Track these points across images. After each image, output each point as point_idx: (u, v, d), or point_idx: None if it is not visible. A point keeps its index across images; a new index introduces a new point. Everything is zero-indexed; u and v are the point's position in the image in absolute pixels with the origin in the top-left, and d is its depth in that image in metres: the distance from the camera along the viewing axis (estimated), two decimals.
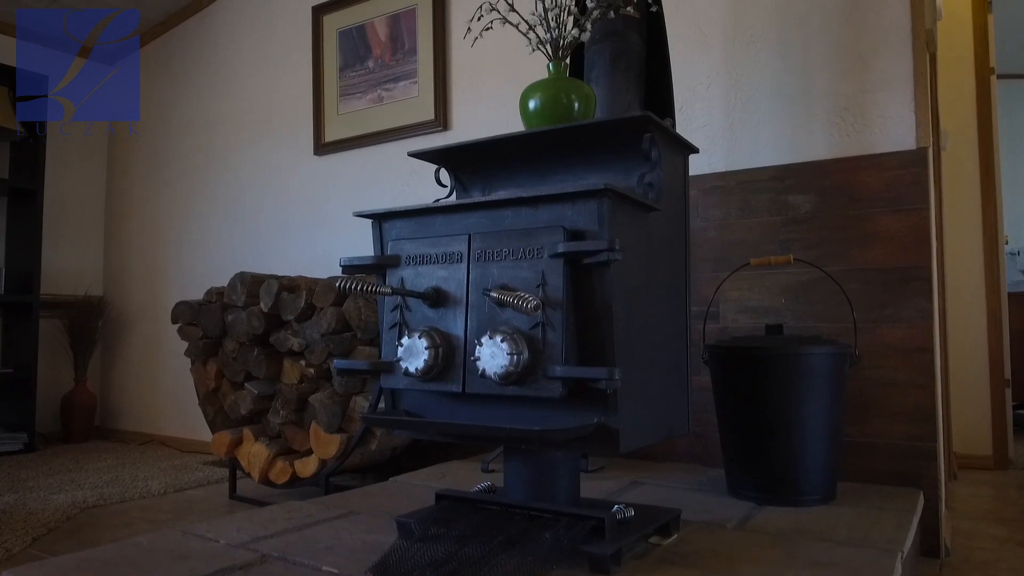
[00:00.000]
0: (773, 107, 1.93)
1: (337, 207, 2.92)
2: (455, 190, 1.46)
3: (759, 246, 1.91)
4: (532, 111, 1.36)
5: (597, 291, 1.03)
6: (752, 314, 1.92)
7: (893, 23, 1.76)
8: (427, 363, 1.09)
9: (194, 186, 3.47)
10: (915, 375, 1.72)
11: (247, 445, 2.27)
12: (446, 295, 1.13)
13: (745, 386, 1.58)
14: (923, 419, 1.71)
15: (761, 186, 1.91)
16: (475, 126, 2.53)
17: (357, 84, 2.87)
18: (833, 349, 1.54)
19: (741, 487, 1.62)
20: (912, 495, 1.64)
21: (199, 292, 3.34)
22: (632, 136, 1.21)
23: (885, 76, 1.77)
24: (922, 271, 1.71)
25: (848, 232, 1.80)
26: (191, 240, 3.46)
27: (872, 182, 1.77)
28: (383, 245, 1.24)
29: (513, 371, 1.01)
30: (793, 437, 1.54)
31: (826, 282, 1.77)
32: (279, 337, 2.18)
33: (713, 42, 2.02)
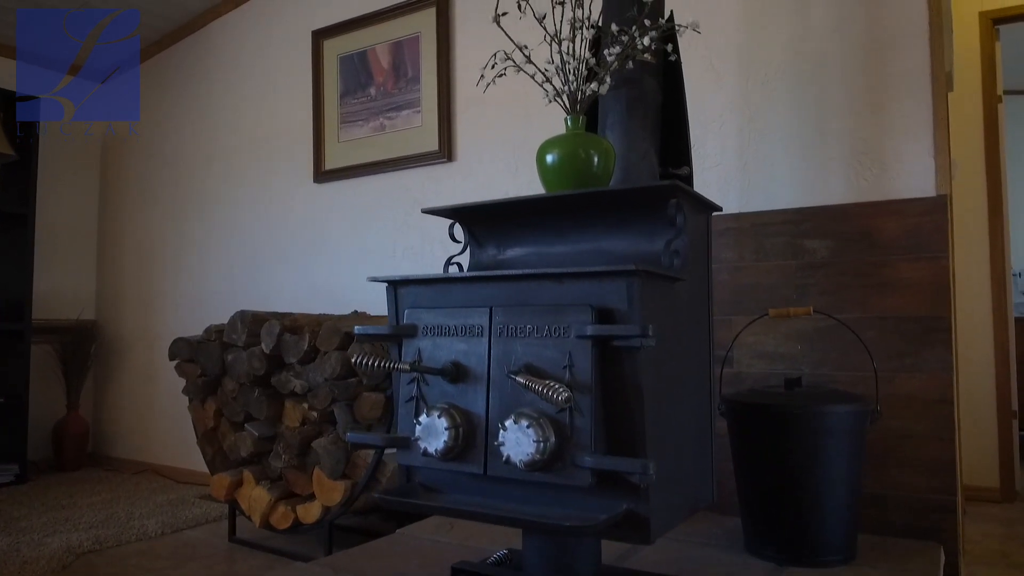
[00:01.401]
0: (788, 148, 1.90)
1: (337, 236, 2.86)
2: (468, 245, 1.41)
3: (774, 290, 1.87)
4: (550, 166, 1.32)
5: (627, 374, 0.98)
6: (767, 360, 1.88)
7: (912, 66, 1.73)
8: (447, 444, 1.04)
9: (190, 211, 3.41)
10: (935, 427, 1.68)
11: (247, 488, 2.21)
12: (466, 370, 1.08)
13: (765, 443, 1.54)
14: (942, 472, 1.67)
15: (776, 229, 1.88)
16: (480, 159, 2.49)
17: (358, 111, 2.83)
18: (855, 407, 1.50)
19: (760, 545, 1.57)
20: (933, 551, 1.60)
21: (195, 319, 3.29)
22: (656, 199, 1.17)
23: (904, 120, 1.74)
24: (942, 321, 1.68)
25: (866, 279, 1.76)
26: (187, 265, 3.40)
27: (891, 228, 1.74)
28: (398, 312, 1.19)
29: (539, 459, 0.96)
30: (814, 496, 1.50)
31: (843, 328, 1.74)
32: (281, 379, 2.12)
33: (727, 80, 1.98)
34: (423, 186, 2.62)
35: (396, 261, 2.68)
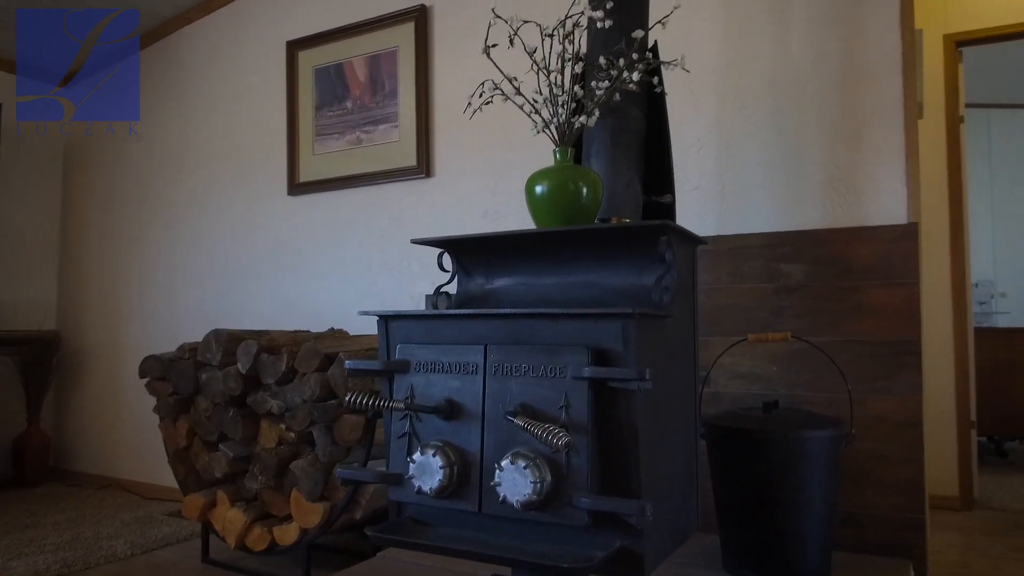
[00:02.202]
0: (765, 173, 1.94)
1: (312, 250, 2.84)
2: (457, 274, 1.42)
3: (750, 312, 1.91)
4: (539, 197, 1.33)
5: (622, 414, 1.00)
6: (744, 380, 1.92)
7: (886, 97, 1.78)
8: (441, 483, 1.05)
9: (158, 220, 3.34)
10: (904, 449, 1.74)
11: (222, 509, 2.18)
12: (460, 408, 1.09)
13: (744, 465, 1.57)
14: (912, 491, 1.73)
15: (752, 252, 1.91)
16: (459, 175, 2.49)
17: (334, 124, 2.80)
18: (831, 432, 1.54)
19: (738, 564, 1.60)
20: (903, 568, 1.65)
21: (163, 332, 3.23)
22: (646, 235, 1.18)
23: (878, 149, 1.79)
24: (912, 345, 1.73)
25: (840, 303, 1.81)
26: (154, 277, 3.33)
27: (864, 254, 1.79)
28: (389, 347, 1.19)
29: (536, 499, 0.97)
30: (791, 517, 1.54)
31: (818, 351, 1.78)
32: (257, 399, 2.10)
33: (705, 105, 2.01)
34: (401, 201, 2.61)
35: (373, 276, 2.67)
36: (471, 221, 2.44)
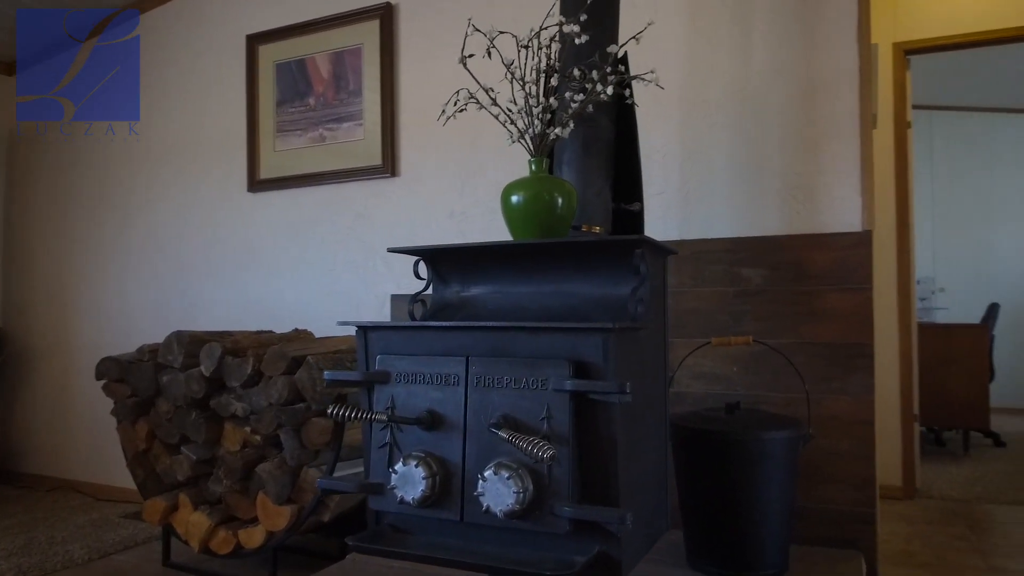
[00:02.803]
0: (727, 181, 1.99)
1: (273, 249, 2.80)
2: (432, 281, 1.43)
3: (711, 315, 1.97)
4: (515, 206, 1.35)
5: (601, 425, 1.03)
6: (705, 380, 1.98)
7: (844, 109, 1.85)
8: (424, 493, 1.07)
9: (109, 217, 3.25)
10: (857, 446, 1.82)
11: (184, 513, 2.16)
12: (441, 419, 1.11)
13: (708, 465, 1.62)
14: (864, 487, 1.81)
15: (714, 257, 1.97)
16: (425, 176, 2.49)
17: (296, 121, 2.77)
18: (791, 433, 1.60)
19: (702, 560, 1.66)
20: (855, 559, 1.73)
21: (116, 331, 3.15)
22: (621, 248, 1.22)
23: (835, 159, 1.86)
24: (866, 348, 1.81)
25: (797, 307, 1.88)
26: (106, 274, 3.24)
27: (821, 260, 1.86)
28: (368, 357, 1.20)
29: (519, 508, 1.00)
30: (753, 514, 1.60)
31: (774, 353, 1.85)
32: (221, 402, 2.07)
33: (670, 112, 2.06)
34: (366, 200, 2.60)
35: (337, 275, 2.65)
36: (437, 222, 2.45)
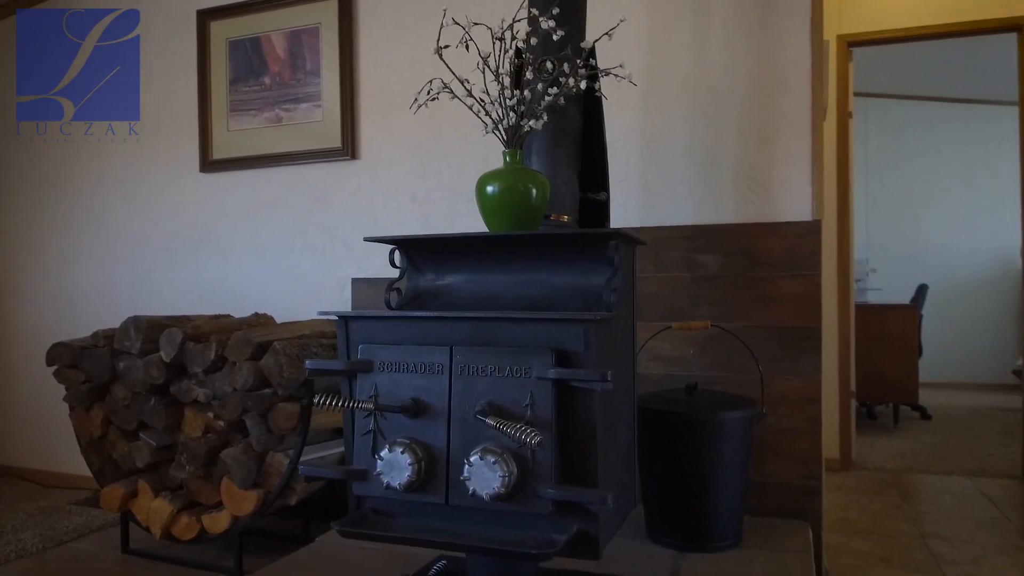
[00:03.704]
0: (685, 170, 2.06)
1: (227, 231, 2.76)
2: (407, 270, 1.45)
3: (670, 300, 2.04)
4: (490, 196, 1.38)
5: (581, 410, 1.08)
6: (663, 362, 2.05)
7: (796, 104, 1.93)
8: (410, 478, 1.10)
9: (48, 195, 3.12)
10: (805, 423, 1.93)
11: (144, 499, 2.14)
12: (426, 406, 1.14)
13: (668, 444, 1.70)
14: (810, 461, 1.93)
15: (673, 243, 2.04)
16: (386, 159, 2.49)
17: (251, 100, 2.72)
18: (746, 413, 1.70)
19: (662, 534, 1.75)
20: (803, 529, 1.85)
21: (59, 315, 3.05)
22: (594, 239, 1.26)
23: (787, 151, 1.95)
24: (814, 331, 1.92)
25: (750, 292, 1.97)
26: (45, 255, 3.13)
27: (773, 248, 1.95)
28: (350, 347, 1.22)
29: (504, 492, 1.05)
30: (710, 491, 1.69)
31: (730, 336, 1.93)
32: (181, 387, 2.05)
33: (630, 101, 2.11)
34: (325, 182, 2.58)
35: (295, 258, 2.63)
36: (399, 206, 2.45)
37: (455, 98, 1.48)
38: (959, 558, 2.20)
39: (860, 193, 6.47)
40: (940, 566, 2.13)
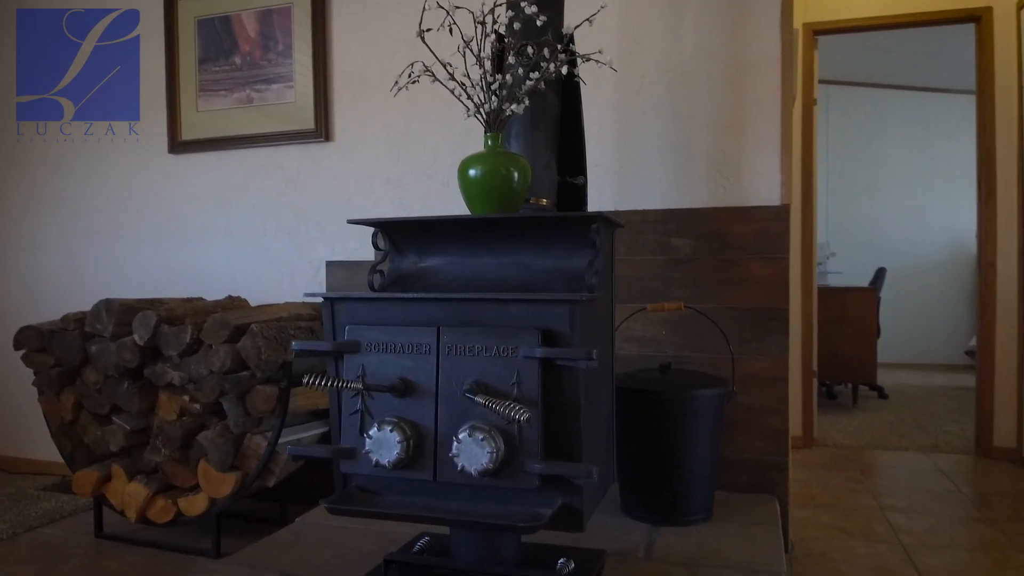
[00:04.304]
0: (659, 154, 2.10)
1: (198, 213, 2.72)
2: (389, 252, 1.46)
3: (644, 282, 2.09)
4: (473, 180, 1.40)
5: (566, 388, 1.11)
6: (637, 343, 2.10)
7: (766, 90, 1.98)
8: (399, 456, 1.12)
9: (8, 175, 3.05)
10: (773, 401, 2.00)
11: (118, 483, 2.12)
12: (414, 386, 1.16)
13: (642, 421, 1.75)
14: (777, 438, 2.00)
15: (647, 227, 2.08)
16: (361, 141, 2.48)
17: (221, 80, 2.68)
18: (718, 391, 1.75)
19: (636, 509, 1.80)
20: (771, 503, 1.92)
21: (22, 298, 2.99)
22: (575, 222, 1.29)
23: (758, 138, 2.00)
24: (782, 312, 1.98)
25: (721, 275, 2.02)
26: (11, 237, 3.05)
27: (743, 231, 2.00)
28: (336, 328, 1.23)
29: (492, 467, 1.08)
30: (684, 467, 1.74)
31: (700, 317, 1.99)
32: (156, 370, 2.04)
33: (605, 86, 2.13)
34: (299, 164, 2.57)
35: (268, 241, 2.62)
36: (373, 188, 2.45)
37: (436, 81, 1.49)
38: (916, 529, 2.30)
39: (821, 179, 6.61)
40: (898, 536, 2.23)
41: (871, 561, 2.04)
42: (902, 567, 1.99)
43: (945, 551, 2.11)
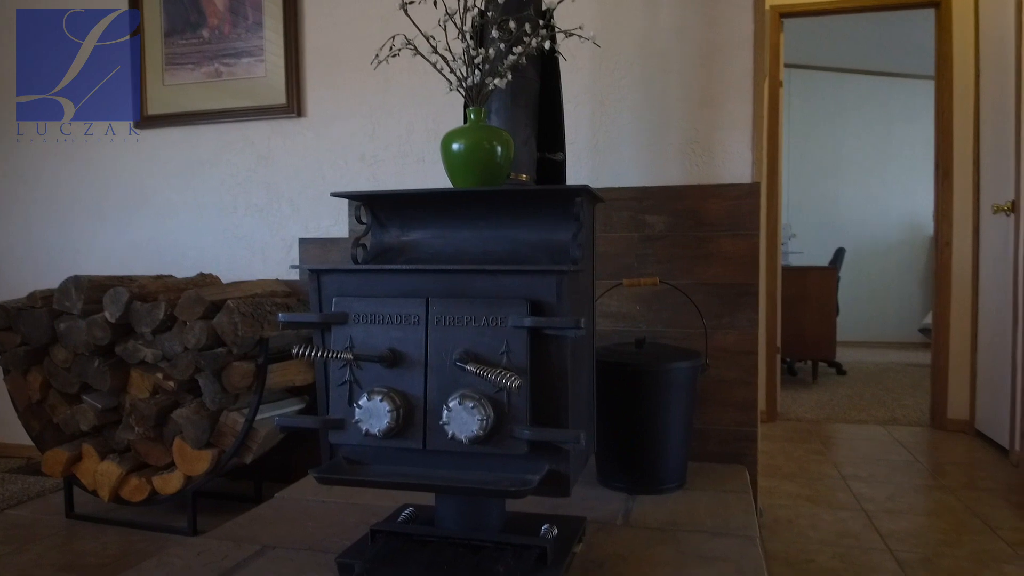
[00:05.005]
0: (634, 132, 2.13)
1: (164, 189, 2.67)
2: (371, 226, 1.47)
3: (618, 259, 2.12)
4: (456, 153, 1.40)
5: (554, 357, 1.14)
6: (612, 319, 2.14)
7: (739, 70, 2.02)
8: (389, 425, 1.14)
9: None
10: (742, 373, 2.06)
11: (89, 463, 2.10)
12: (403, 356, 1.17)
13: (619, 394, 1.79)
14: (747, 409, 2.06)
15: (622, 204, 2.11)
16: (334, 117, 2.46)
17: (188, 54, 2.62)
18: (692, 363, 1.80)
19: (612, 478, 1.84)
20: (741, 472, 1.98)
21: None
22: (562, 196, 1.31)
23: (731, 116, 2.04)
24: (752, 287, 2.03)
25: (694, 251, 2.06)
26: None
27: (715, 209, 2.05)
28: (322, 300, 1.24)
29: (482, 434, 1.10)
30: (658, 437, 1.79)
31: (674, 293, 2.03)
32: (128, 348, 2.01)
33: (581, 64, 2.15)
34: (269, 140, 2.53)
35: (238, 218, 2.58)
36: (347, 165, 2.44)
37: (417, 55, 1.49)
38: (876, 496, 2.39)
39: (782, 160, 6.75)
40: (860, 504, 2.32)
41: (836, 527, 2.12)
42: (865, 532, 2.08)
43: (905, 516, 2.21)
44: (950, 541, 2.02)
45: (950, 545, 1.99)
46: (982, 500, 2.34)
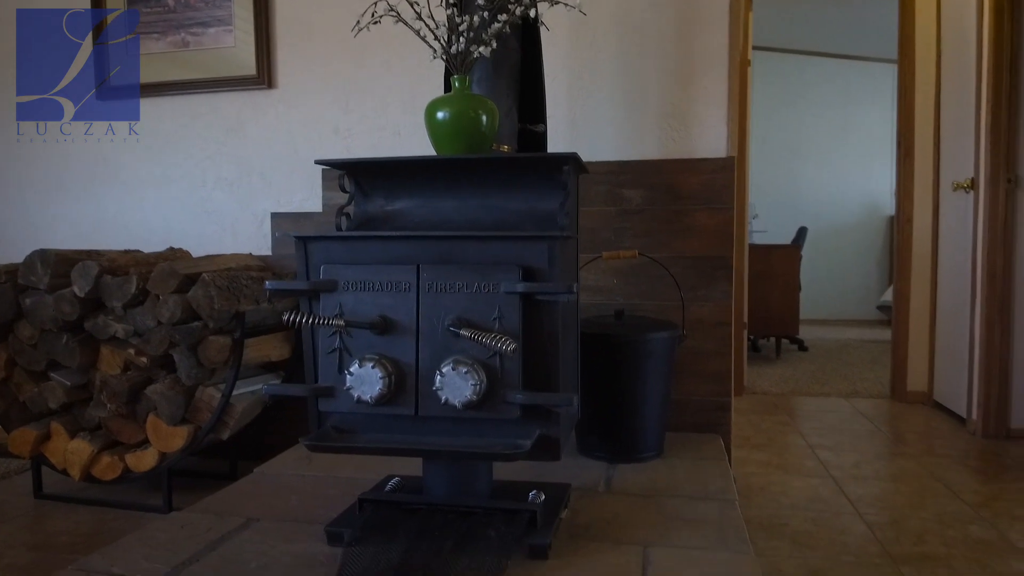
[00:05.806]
0: (611, 106, 2.13)
1: (130, 162, 2.60)
2: (355, 195, 1.45)
3: (596, 232, 2.14)
4: (441, 122, 1.40)
5: (545, 322, 1.15)
6: (590, 292, 2.16)
7: (715, 45, 2.04)
8: (381, 391, 1.14)
9: None
10: (717, 345, 2.10)
11: (59, 442, 2.05)
12: (394, 323, 1.17)
13: (599, 364, 1.81)
14: (721, 379, 2.10)
15: (599, 179, 2.12)
16: (306, 89, 2.41)
17: (154, 23, 2.54)
18: (670, 334, 1.83)
19: (592, 448, 1.87)
20: (716, 441, 2.03)
21: None
22: (548, 164, 1.32)
23: (707, 91, 2.06)
24: (726, 260, 2.07)
25: (671, 224, 2.09)
26: None
27: (691, 183, 2.07)
28: (310, 268, 1.22)
29: (475, 399, 1.10)
30: (637, 407, 1.82)
31: (650, 266, 2.06)
32: (98, 323, 1.96)
33: (558, 37, 2.14)
34: (240, 113, 2.48)
35: (207, 192, 2.53)
36: (321, 138, 2.40)
37: (399, 22, 1.47)
38: (843, 464, 2.47)
39: None
40: (828, 471, 2.39)
41: (806, 493, 2.18)
42: (834, 497, 2.15)
43: (871, 482, 2.28)
44: (915, 504, 2.10)
45: (915, 508, 2.07)
46: (943, 466, 2.44)
